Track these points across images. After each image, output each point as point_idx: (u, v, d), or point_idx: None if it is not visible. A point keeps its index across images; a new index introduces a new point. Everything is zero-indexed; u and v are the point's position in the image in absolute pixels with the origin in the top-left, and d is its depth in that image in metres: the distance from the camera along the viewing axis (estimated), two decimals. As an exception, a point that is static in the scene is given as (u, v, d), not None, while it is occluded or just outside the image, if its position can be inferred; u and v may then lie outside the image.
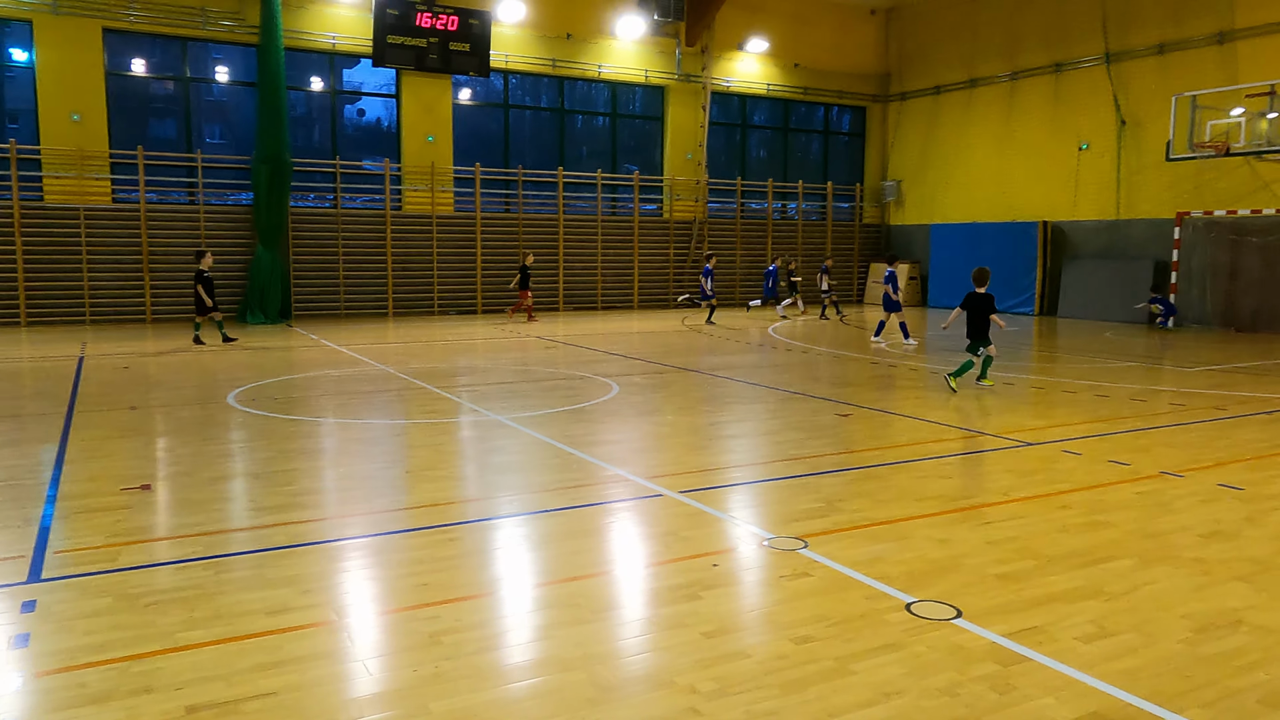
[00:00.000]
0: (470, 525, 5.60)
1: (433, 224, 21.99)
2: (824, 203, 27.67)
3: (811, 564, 4.87)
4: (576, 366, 12.79)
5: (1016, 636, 3.97)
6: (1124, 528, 5.55)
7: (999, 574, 4.74)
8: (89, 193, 18.86)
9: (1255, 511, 5.93)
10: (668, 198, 25.34)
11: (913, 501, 6.12)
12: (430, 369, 12.43)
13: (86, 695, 3.40)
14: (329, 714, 3.30)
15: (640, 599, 4.49)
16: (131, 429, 8.40)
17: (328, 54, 21.13)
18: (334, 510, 5.96)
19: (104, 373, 11.94)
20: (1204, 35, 19.91)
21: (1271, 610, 4.31)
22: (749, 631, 4.05)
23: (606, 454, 7.46)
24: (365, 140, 23.03)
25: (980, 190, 25.21)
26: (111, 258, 19.05)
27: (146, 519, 5.67)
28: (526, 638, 4.01)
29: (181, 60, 19.91)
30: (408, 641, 3.93)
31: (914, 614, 4.21)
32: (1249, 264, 19.19)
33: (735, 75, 25.82)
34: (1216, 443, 8.17)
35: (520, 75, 23.51)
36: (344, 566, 4.90)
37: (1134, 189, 21.48)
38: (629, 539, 5.48)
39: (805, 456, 7.45)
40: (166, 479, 6.68)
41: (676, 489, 6.35)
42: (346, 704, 3.38)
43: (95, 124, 18.82)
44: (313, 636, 3.94)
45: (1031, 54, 23.60)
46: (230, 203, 20.48)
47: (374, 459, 7.39)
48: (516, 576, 4.78)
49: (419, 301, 21.98)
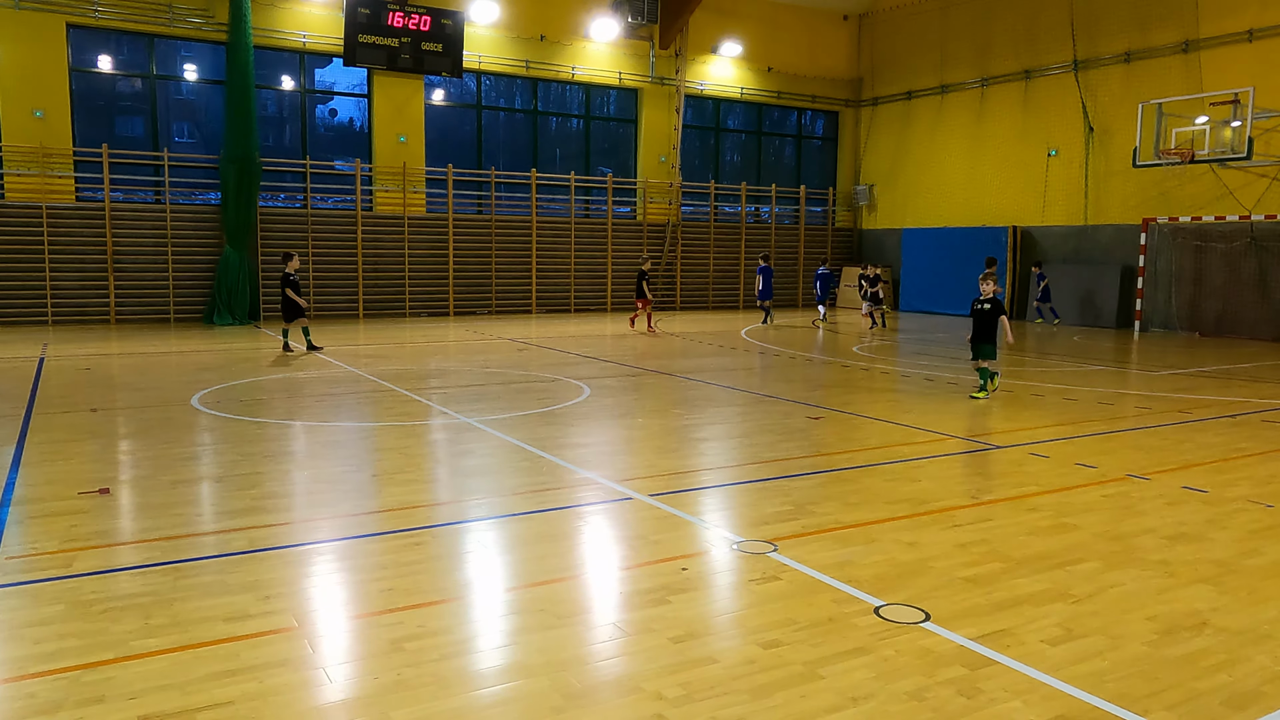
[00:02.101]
0: (437, 529, 5.52)
1: (404, 225, 21.82)
2: (797, 206, 27.79)
3: (781, 567, 4.84)
4: (548, 369, 12.72)
5: (984, 640, 3.96)
6: (1091, 530, 5.59)
7: (967, 577, 4.74)
8: (52, 191, 18.51)
9: (1219, 514, 5.99)
10: (641, 200, 25.33)
11: (882, 504, 6.12)
12: (400, 371, 12.31)
13: (35, 706, 3.30)
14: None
15: (608, 604, 4.44)
16: (91, 431, 8.23)
17: (298, 52, 20.91)
18: (298, 514, 5.86)
19: (65, 374, 11.71)
20: (1169, 44, 20.21)
21: (1235, 612, 4.35)
22: (717, 636, 4.01)
23: (577, 457, 7.41)
24: (337, 140, 22.82)
25: (951, 195, 25.42)
26: (75, 257, 18.71)
27: (104, 523, 5.54)
28: (492, 644, 3.95)
29: (148, 57, 19.61)
30: (370, 648, 3.86)
31: (882, 617, 4.20)
32: (1212, 269, 19.50)
33: (709, 79, 25.86)
34: (1181, 446, 8.27)
35: (493, 76, 23.40)
36: (307, 572, 4.81)
37: (1101, 195, 21.75)
38: (598, 543, 5.43)
39: (776, 459, 7.43)
40: (126, 482, 6.54)
41: (647, 492, 6.31)
42: (305, 713, 3.31)
43: (58, 121, 18.48)
44: (272, 644, 3.86)
45: (1002, 61, 23.85)
46: (199, 202, 20.19)
47: (341, 462, 7.28)
48: (483, 581, 4.72)
49: (390, 303, 21.79)
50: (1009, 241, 23.39)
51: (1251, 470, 7.25)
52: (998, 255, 23.42)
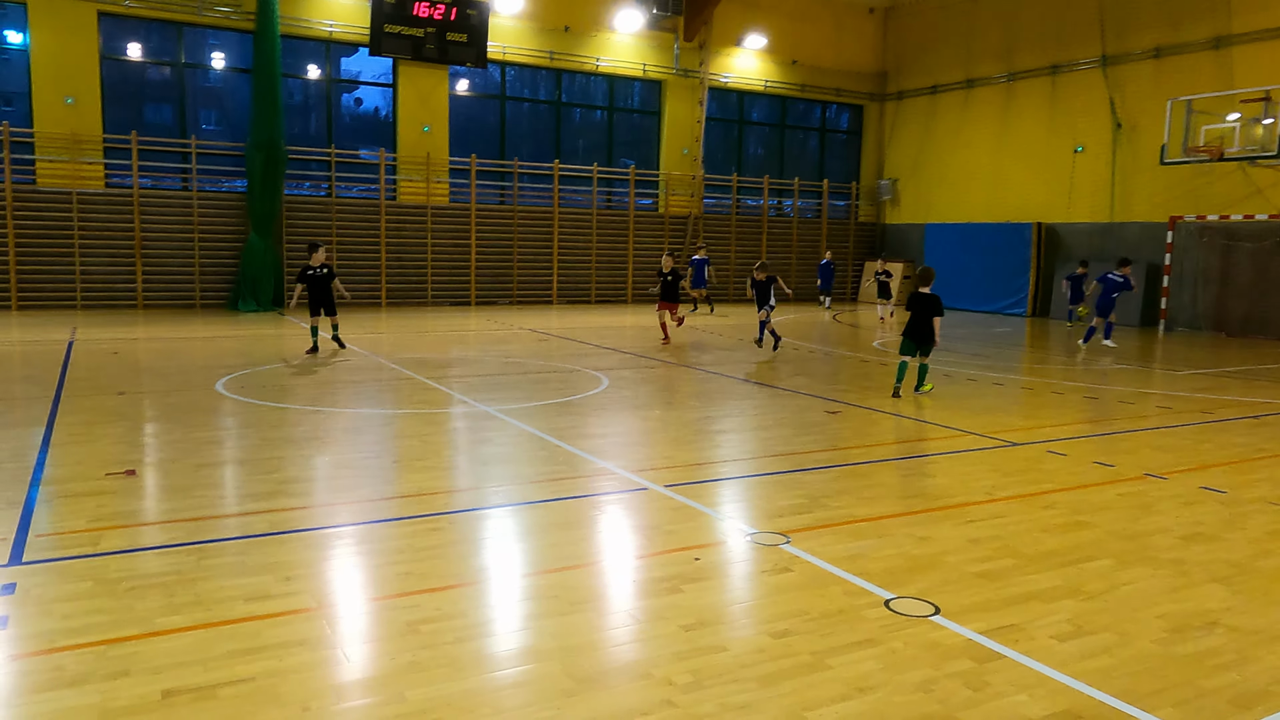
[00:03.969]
0: (454, 515, 5.60)
1: (427, 215, 21.95)
2: (820, 200, 27.68)
3: (793, 559, 4.88)
4: (567, 360, 12.79)
5: (993, 634, 3.99)
6: (1105, 528, 5.58)
7: (978, 572, 4.76)
8: (82, 177, 18.78)
9: (1236, 515, 5.97)
10: (663, 193, 25.32)
11: (896, 499, 6.14)
12: (421, 359, 12.42)
13: (63, 678, 3.40)
14: (304, 700, 3.31)
15: (621, 592, 4.50)
16: (118, 414, 8.39)
17: (325, 42, 21.05)
18: (318, 498, 5.96)
19: (93, 357, 11.91)
20: (1200, 40, 19.94)
21: (1247, 612, 4.35)
22: (728, 625, 4.06)
23: (593, 447, 7.47)
24: (363, 129, 22.97)
25: (975, 191, 25.23)
26: (104, 242, 18.98)
27: (130, 504, 5.67)
28: (506, 628, 4.02)
29: (177, 45, 19.83)
30: (387, 630, 3.94)
31: (892, 610, 4.23)
32: (1240, 269, 19.26)
33: (733, 71, 25.79)
34: (1202, 446, 8.22)
35: (517, 67, 23.45)
36: (326, 554, 4.91)
37: (1128, 192, 21.52)
38: (612, 532, 5.49)
39: (792, 453, 7.46)
40: (152, 464, 6.67)
41: (662, 483, 6.36)
42: (322, 690, 3.39)
43: (89, 108, 18.74)
44: (291, 623, 3.95)
45: (1029, 55, 23.62)
46: (226, 189, 20.41)
47: (360, 448, 7.38)
48: (498, 567, 4.79)
49: (413, 292, 21.94)
50: (1033, 238, 23.20)
51: (1272, 471, 7.20)
52: (1021, 252, 23.26)
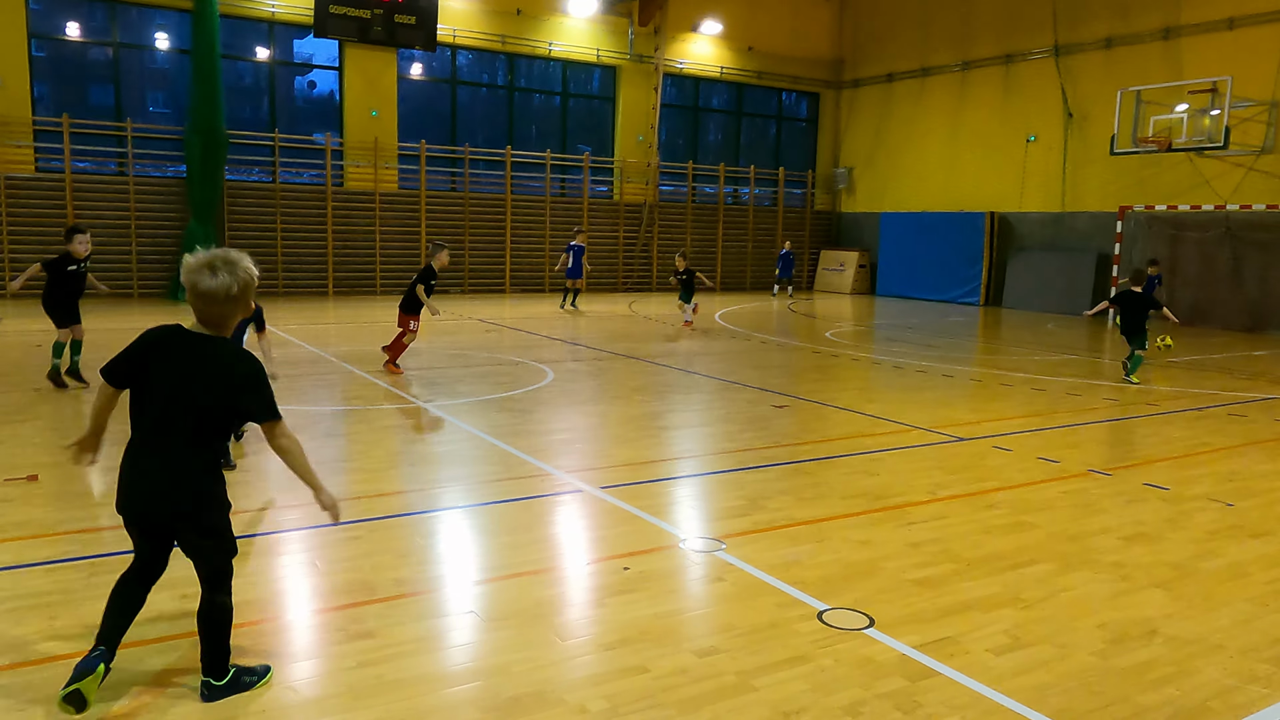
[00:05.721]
0: (374, 523, 5.31)
1: (376, 201, 21.42)
2: (776, 188, 27.56)
3: (727, 568, 4.69)
4: (514, 351, 12.50)
5: (927, 648, 3.82)
6: (1047, 529, 5.46)
7: (917, 579, 4.60)
8: (10, 160, 18.01)
9: (1178, 513, 5.89)
10: (618, 180, 25.02)
11: (837, 500, 5.97)
12: (363, 352, 12.05)
13: (-87, 718, 3.10)
14: (182, 739, 3.04)
15: (539, 607, 4.24)
16: (33, 412, 7.96)
17: (268, 23, 20.40)
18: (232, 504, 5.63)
19: (15, 351, 11.39)
20: (1150, 31, 20.07)
21: (1186, 619, 4.23)
22: (650, 643, 3.84)
23: (529, 446, 7.21)
24: (314, 114, 22.31)
25: (930, 179, 25.26)
26: (34, 228, 18.23)
27: (24, 513, 5.30)
28: (407, 650, 3.76)
29: (111, 24, 19.07)
30: (293, 649, 3.66)
31: (825, 623, 4.05)
32: (1187, 259, 19.47)
33: (688, 57, 25.52)
34: (1147, 440, 8.18)
35: (469, 51, 22.96)
36: (238, 566, 4.59)
37: (1079, 182, 21.66)
38: (538, 540, 5.24)
39: (735, 450, 7.28)
40: (58, 468, 6.28)
41: (598, 485, 6.13)
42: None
43: (18, 88, 17.94)
44: (185, 647, 3.66)
45: (983, 45, 23.64)
46: (171, 174, 19.71)
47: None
48: (406, 581, 4.51)
49: (361, 281, 21.43)
50: (986, 227, 23.29)
51: (1214, 466, 7.16)
52: (975, 241, 23.35)
